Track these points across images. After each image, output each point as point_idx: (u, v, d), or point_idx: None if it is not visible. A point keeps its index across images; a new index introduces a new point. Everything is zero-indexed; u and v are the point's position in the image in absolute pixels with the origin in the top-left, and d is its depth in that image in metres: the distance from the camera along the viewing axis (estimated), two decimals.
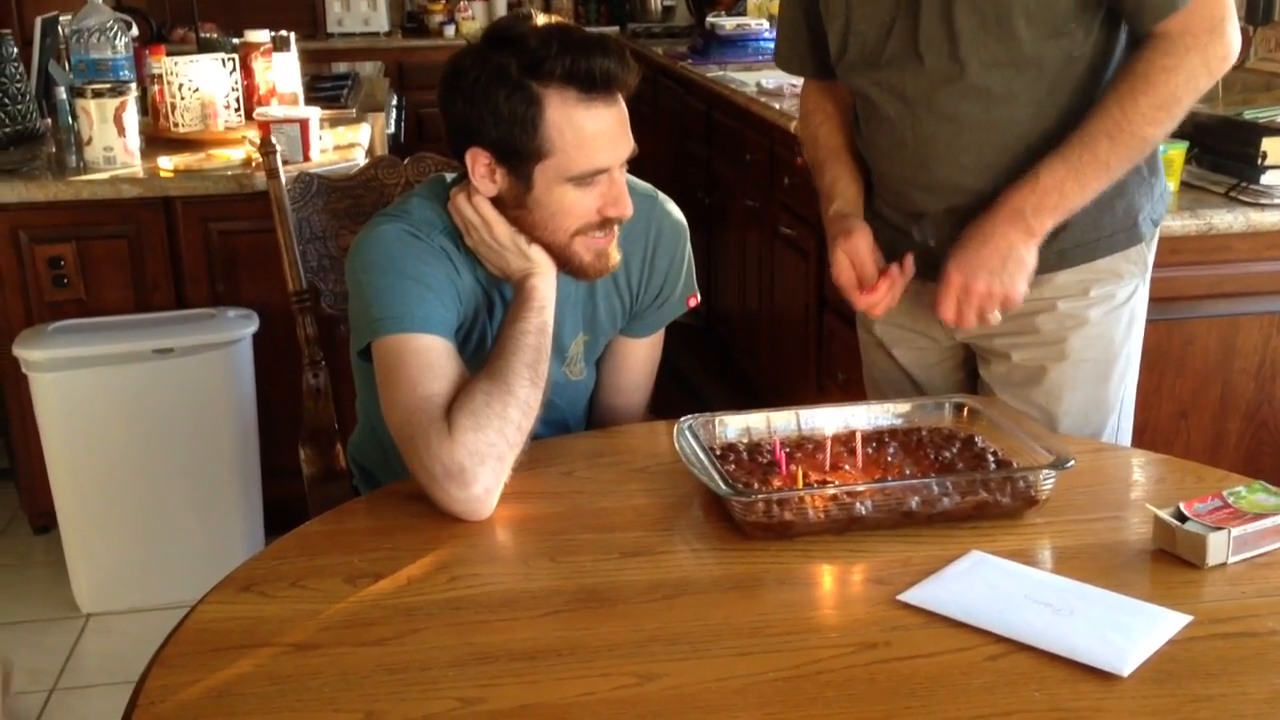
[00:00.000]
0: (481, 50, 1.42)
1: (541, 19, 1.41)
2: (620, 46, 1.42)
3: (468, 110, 1.41)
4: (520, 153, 1.40)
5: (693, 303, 1.68)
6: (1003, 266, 1.50)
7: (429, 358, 1.39)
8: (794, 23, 1.72)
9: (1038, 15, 1.44)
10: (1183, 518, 1.21)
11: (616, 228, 1.48)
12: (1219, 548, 1.19)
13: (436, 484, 1.32)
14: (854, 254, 1.62)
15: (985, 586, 1.17)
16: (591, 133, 1.39)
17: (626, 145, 1.43)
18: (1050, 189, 1.47)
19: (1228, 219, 1.92)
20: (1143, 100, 1.43)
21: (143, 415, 2.51)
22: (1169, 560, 1.21)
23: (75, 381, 2.45)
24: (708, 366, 3.90)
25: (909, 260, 1.61)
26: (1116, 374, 1.64)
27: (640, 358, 1.69)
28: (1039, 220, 1.49)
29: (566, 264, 1.48)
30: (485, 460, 1.31)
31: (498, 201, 1.46)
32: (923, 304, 1.65)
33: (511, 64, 1.38)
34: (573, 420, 1.67)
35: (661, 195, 1.63)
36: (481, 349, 1.49)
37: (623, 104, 1.43)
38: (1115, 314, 1.61)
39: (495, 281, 1.52)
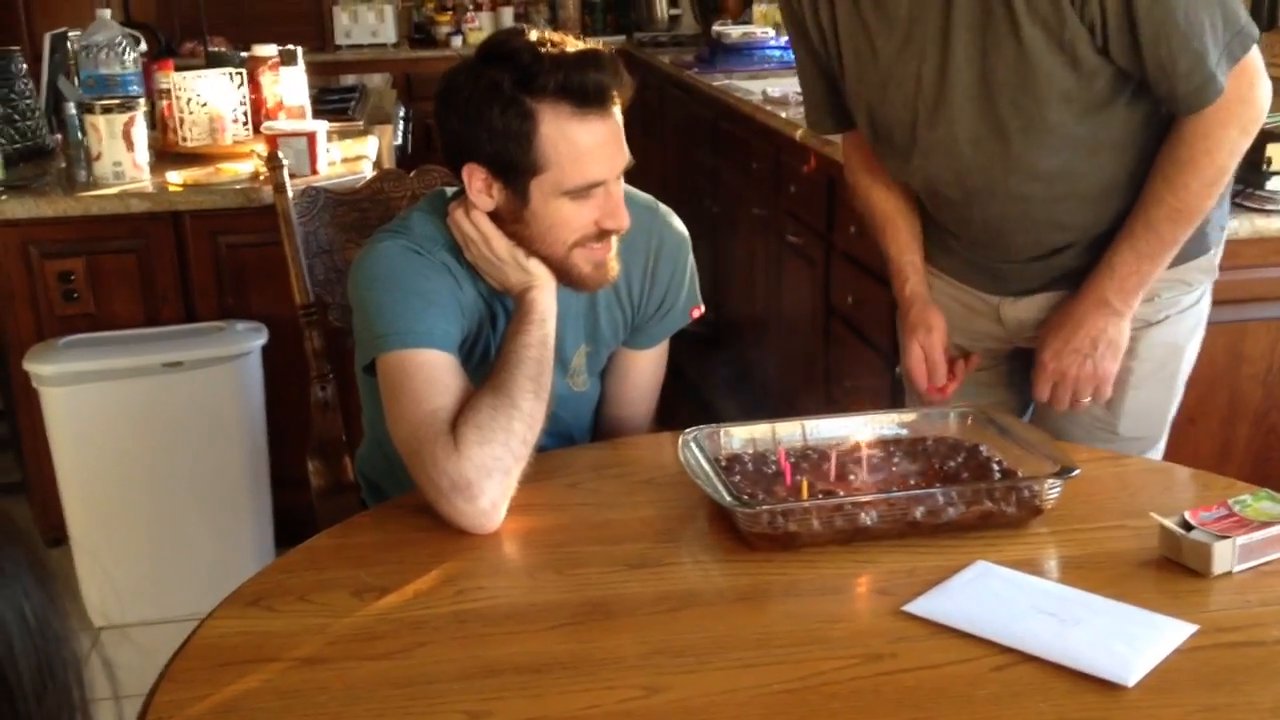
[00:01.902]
0: (475, 66, 1.42)
1: (534, 34, 1.42)
2: (614, 59, 1.43)
3: (462, 127, 1.42)
4: (516, 168, 1.41)
5: (696, 314, 1.68)
6: (1094, 348, 1.58)
7: (433, 372, 1.40)
8: (811, 80, 1.73)
9: (1077, 98, 1.46)
10: (1188, 526, 1.21)
11: (615, 239, 1.48)
12: (1224, 556, 1.18)
13: (443, 498, 1.32)
14: (930, 350, 1.69)
15: (990, 597, 1.17)
16: (586, 146, 1.40)
17: (622, 157, 1.44)
18: (1128, 275, 1.53)
19: (1233, 225, 1.90)
20: (1194, 183, 1.48)
21: (153, 429, 2.52)
22: (1174, 569, 1.21)
23: (86, 395, 2.47)
24: (715, 374, 3.91)
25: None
26: (1180, 374, 1.67)
27: (644, 369, 1.69)
28: (1124, 302, 1.56)
29: (565, 276, 1.48)
30: (492, 474, 1.32)
31: (495, 216, 1.46)
32: (975, 312, 1.70)
33: (504, 79, 1.39)
34: (577, 432, 1.67)
35: (663, 207, 1.63)
36: (485, 362, 1.50)
37: (617, 116, 1.43)
38: (1181, 317, 1.63)
39: (497, 294, 1.53)
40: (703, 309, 1.69)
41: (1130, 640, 1.08)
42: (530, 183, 1.42)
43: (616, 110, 1.43)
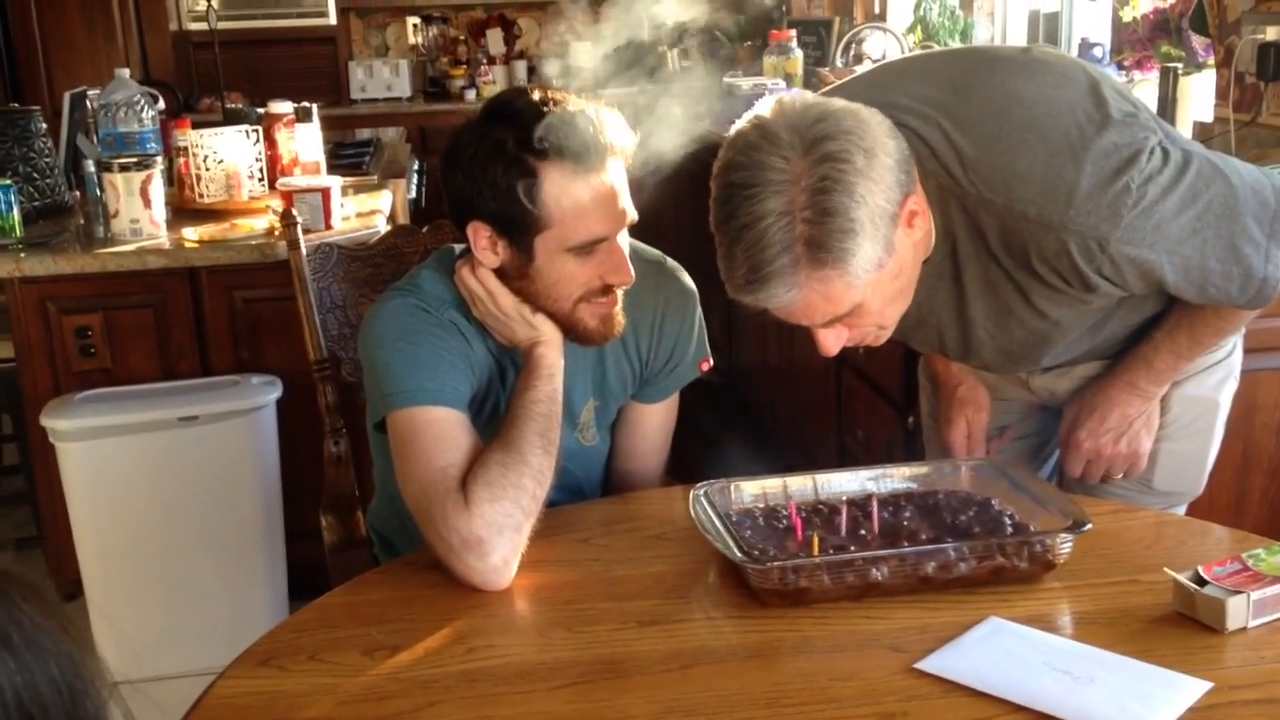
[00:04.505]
0: (479, 126, 1.44)
1: (537, 94, 1.43)
2: (617, 117, 1.45)
3: (467, 185, 1.44)
4: (520, 225, 1.43)
5: (705, 367, 1.69)
6: (1129, 427, 1.59)
7: (442, 430, 1.41)
8: None
9: (1107, 318, 1.49)
10: (1202, 581, 1.21)
11: (620, 293, 1.49)
12: (1239, 612, 1.18)
13: (455, 555, 1.33)
14: (975, 427, 1.71)
15: (1003, 654, 1.16)
16: (588, 204, 1.41)
17: (625, 214, 1.45)
18: (1164, 369, 1.55)
19: None
20: (1246, 315, 1.48)
21: (168, 483, 2.53)
22: (1189, 625, 1.20)
23: (102, 450, 2.48)
24: (729, 423, 3.91)
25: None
26: (1215, 428, 1.66)
27: (654, 423, 1.70)
28: (1158, 388, 1.58)
29: (572, 331, 1.50)
30: (503, 530, 1.33)
31: (501, 272, 1.48)
32: (1004, 379, 1.70)
33: (508, 139, 1.40)
34: (588, 486, 1.67)
35: (670, 262, 1.65)
36: (495, 418, 1.51)
37: (619, 173, 1.44)
38: (1213, 369, 1.63)
39: (506, 350, 1.54)
40: (711, 362, 1.70)
41: (1145, 698, 1.07)
42: (534, 240, 1.43)
43: (618, 167, 1.44)
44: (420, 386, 1.42)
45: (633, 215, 1.46)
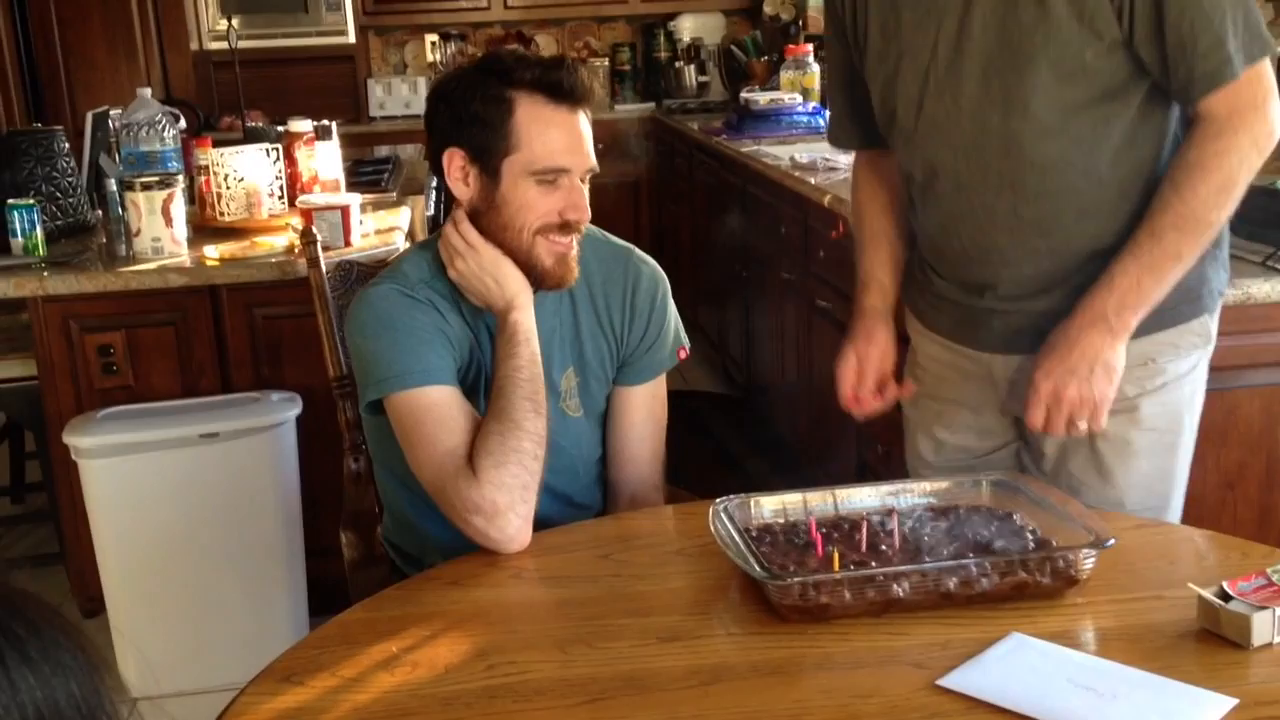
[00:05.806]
0: (466, 70, 1.60)
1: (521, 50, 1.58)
2: (588, 73, 1.61)
3: (448, 114, 1.57)
4: (490, 150, 1.54)
5: (683, 354, 1.77)
6: (1090, 371, 1.52)
7: (440, 412, 1.50)
8: (839, 88, 1.78)
9: (1086, 78, 1.48)
10: (1226, 597, 1.20)
11: (576, 241, 1.58)
12: (1264, 627, 1.17)
13: (472, 525, 1.44)
14: (864, 360, 1.71)
15: (1026, 670, 1.15)
16: (555, 134, 1.54)
17: (587, 157, 1.56)
18: (1128, 289, 1.50)
19: (1265, 288, 1.90)
20: (1201, 188, 1.46)
21: (189, 499, 2.54)
22: (1213, 641, 1.19)
23: (124, 467, 2.49)
24: (747, 438, 3.90)
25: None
26: (1181, 445, 1.64)
27: (639, 408, 1.72)
28: (1121, 320, 1.51)
29: (530, 271, 1.57)
30: (512, 490, 1.44)
31: (472, 214, 1.57)
32: (969, 375, 1.68)
33: (489, 75, 1.55)
34: (582, 465, 1.70)
35: (638, 250, 1.75)
36: (479, 380, 1.60)
37: (586, 121, 1.57)
38: (1178, 384, 1.61)
39: (479, 315, 1.61)
40: (689, 350, 1.77)
41: (1169, 715, 1.07)
42: (502, 164, 1.54)
43: (585, 115, 1.57)
44: (408, 369, 1.51)
45: (594, 163, 1.57)
